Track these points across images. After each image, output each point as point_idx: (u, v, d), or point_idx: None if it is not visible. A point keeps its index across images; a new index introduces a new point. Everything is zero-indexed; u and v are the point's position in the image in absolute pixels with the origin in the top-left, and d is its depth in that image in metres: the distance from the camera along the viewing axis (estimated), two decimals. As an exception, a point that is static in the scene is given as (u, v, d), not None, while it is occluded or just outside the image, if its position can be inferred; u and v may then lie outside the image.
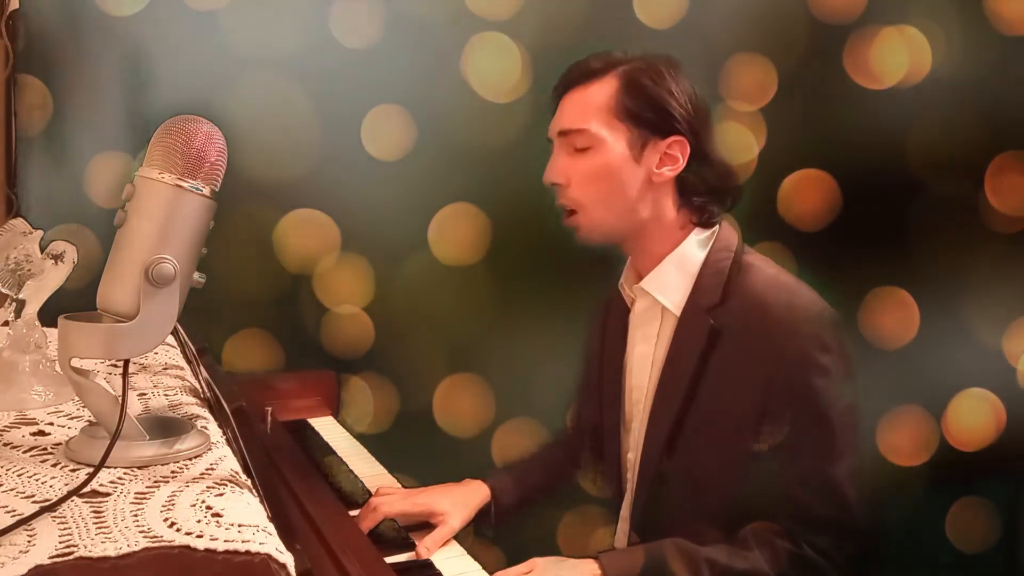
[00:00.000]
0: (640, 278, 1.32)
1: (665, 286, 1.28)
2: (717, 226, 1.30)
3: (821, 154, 2.03)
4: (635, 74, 1.27)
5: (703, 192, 1.29)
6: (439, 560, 1.22)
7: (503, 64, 1.92)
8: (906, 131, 2.05)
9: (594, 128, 1.25)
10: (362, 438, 1.68)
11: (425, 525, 1.31)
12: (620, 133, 1.25)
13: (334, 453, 1.58)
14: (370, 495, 1.37)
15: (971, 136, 2.06)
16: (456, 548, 1.27)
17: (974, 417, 2.07)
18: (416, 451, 1.87)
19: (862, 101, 2.05)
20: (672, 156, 1.26)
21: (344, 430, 1.74)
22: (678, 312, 1.27)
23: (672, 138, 1.26)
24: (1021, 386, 2.07)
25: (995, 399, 2.07)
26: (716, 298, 1.24)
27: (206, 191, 0.82)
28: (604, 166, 1.25)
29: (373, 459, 1.57)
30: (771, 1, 2.01)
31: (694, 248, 1.28)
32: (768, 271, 1.26)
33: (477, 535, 1.36)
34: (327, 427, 1.74)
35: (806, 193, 2.04)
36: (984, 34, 2.05)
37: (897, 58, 2.05)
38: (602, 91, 1.27)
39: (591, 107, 1.26)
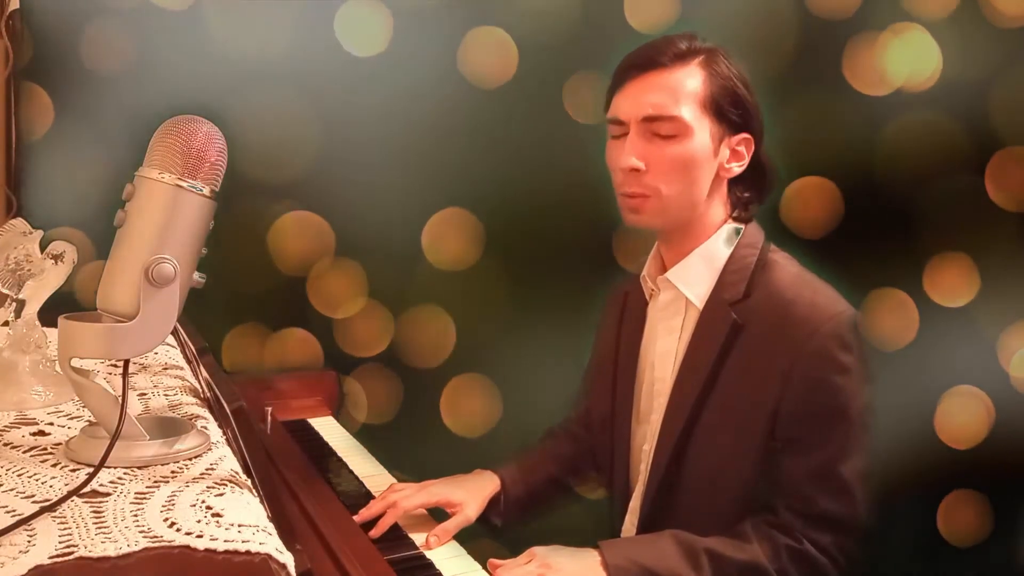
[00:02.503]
0: (664, 270, 1.32)
1: (690, 279, 1.28)
2: (747, 223, 1.31)
3: (822, 160, 2.03)
4: (720, 66, 1.25)
5: (752, 188, 1.30)
6: (439, 560, 1.22)
7: (499, 61, 1.92)
8: (905, 134, 2.06)
9: (686, 117, 1.22)
10: (366, 437, 1.68)
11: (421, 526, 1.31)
12: (705, 124, 1.23)
13: (334, 453, 1.58)
14: (370, 495, 1.37)
15: (971, 136, 2.07)
16: (456, 548, 1.27)
17: (967, 415, 2.08)
18: (420, 451, 1.88)
19: (859, 106, 2.05)
20: (739, 153, 1.27)
21: (344, 430, 1.74)
22: (701, 305, 1.27)
23: (742, 135, 1.26)
24: (1014, 386, 2.07)
25: (987, 398, 2.08)
26: (739, 293, 1.24)
27: (206, 191, 0.82)
28: (689, 156, 1.23)
29: (373, 459, 1.57)
30: (765, 6, 2.01)
31: (721, 243, 1.28)
32: (791, 269, 1.26)
33: (485, 525, 1.36)
34: (327, 427, 1.74)
35: (808, 200, 2.04)
36: (982, 30, 2.05)
37: (896, 61, 2.05)
38: (691, 78, 1.23)
39: (681, 94, 1.23)
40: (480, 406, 2.00)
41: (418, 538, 1.27)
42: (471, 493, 1.34)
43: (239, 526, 0.68)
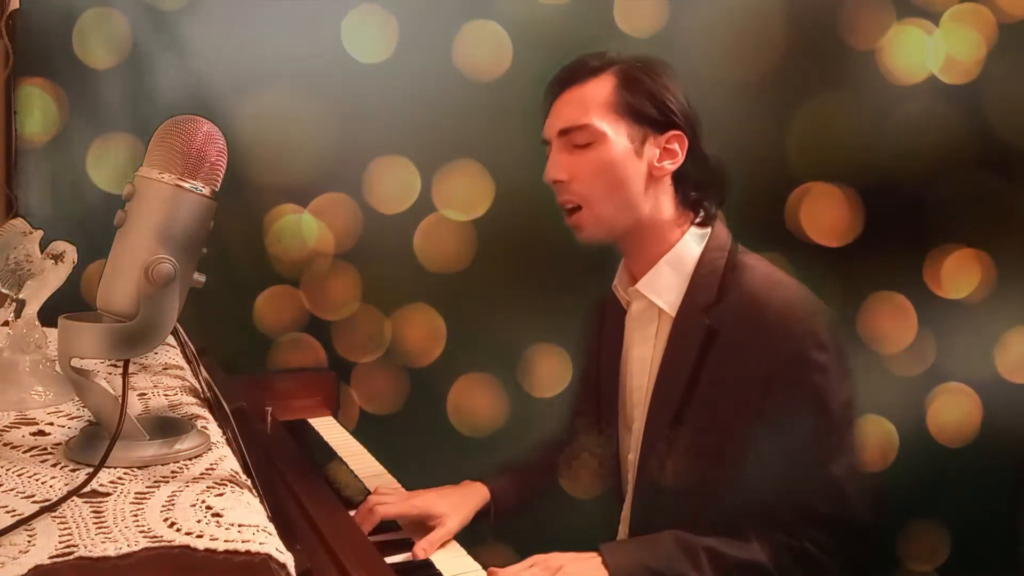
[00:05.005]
0: (635, 280, 1.32)
1: (661, 287, 1.29)
2: (710, 226, 1.31)
3: (822, 163, 2.03)
4: (632, 71, 1.28)
5: (700, 186, 1.30)
6: (439, 560, 1.22)
7: (494, 56, 1.93)
8: (906, 132, 2.05)
9: (595, 123, 1.25)
10: (366, 438, 1.68)
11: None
12: (621, 127, 1.26)
13: (334, 453, 1.58)
14: (369, 494, 1.37)
15: (976, 133, 2.06)
16: (456, 548, 1.27)
17: (958, 414, 2.08)
18: (421, 451, 1.87)
19: (857, 106, 2.05)
20: (671, 150, 1.27)
21: (344, 430, 1.74)
22: (674, 312, 1.27)
23: (671, 132, 1.27)
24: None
25: (977, 398, 2.07)
26: (711, 297, 1.24)
27: (206, 191, 0.81)
28: (607, 160, 1.25)
29: (373, 459, 1.57)
30: (755, 8, 2.01)
31: (689, 248, 1.29)
32: (762, 269, 1.27)
33: (476, 537, 1.35)
34: (327, 427, 1.74)
35: (812, 204, 2.04)
36: (984, 26, 2.04)
37: (896, 59, 2.05)
38: (600, 88, 1.27)
39: (590, 103, 1.27)
40: (483, 406, 2.00)
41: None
42: (455, 507, 1.32)
43: (239, 526, 0.68)
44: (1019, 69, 2.06)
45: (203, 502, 0.72)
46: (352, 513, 1.31)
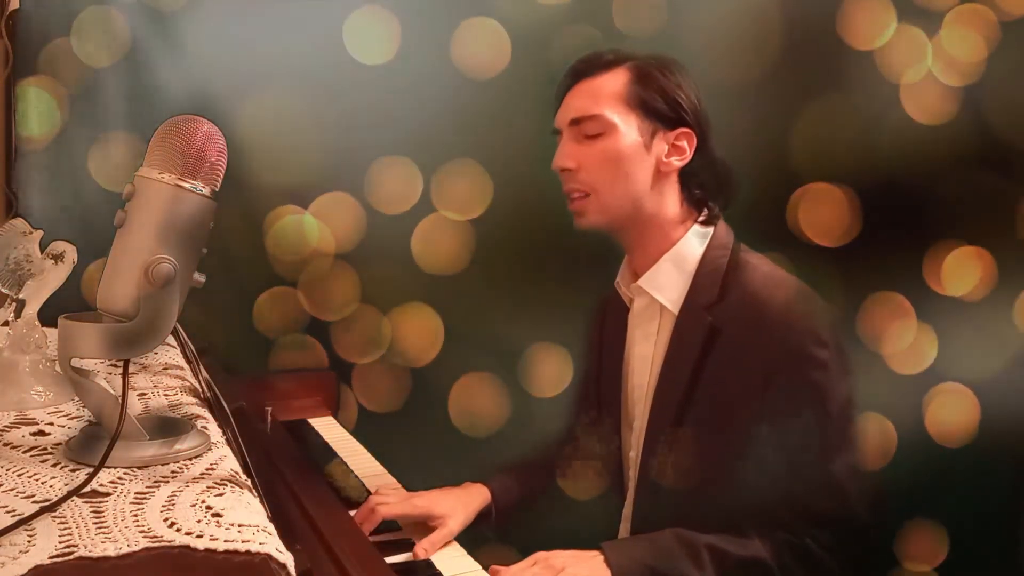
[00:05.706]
0: (637, 277, 1.32)
1: (663, 285, 1.29)
2: (713, 226, 1.31)
3: (822, 164, 2.03)
4: (646, 67, 1.30)
5: (705, 186, 1.31)
6: (440, 560, 1.22)
7: (494, 54, 1.92)
8: (905, 132, 2.05)
9: (606, 114, 1.27)
10: (366, 438, 1.68)
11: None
12: (631, 120, 1.27)
13: (334, 453, 1.59)
14: (370, 495, 1.37)
15: (978, 133, 2.06)
16: (457, 548, 1.27)
17: (957, 413, 2.07)
18: (421, 451, 1.88)
19: (856, 106, 2.05)
20: (679, 147, 1.28)
21: (344, 430, 1.74)
22: (676, 310, 1.28)
23: (680, 129, 1.28)
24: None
25: (976, 397, 2.07)
26: (714, 296, 1.25)
27: (206, 191, 0.82)
28: (615, 151, 1.26)
29: (373, 459, 1.57)
30: (753, 10, 2.01)
31: (691, 246, 1.29)
32: (764, 268, 1.27)
33: (477, 537, 1.35)
34: (327, 427, 1.75)
35: (813, 205, 2.04)
36: (984, 23, 2.04)
37: (893, 57, 2.05)
38: (614, 80, 1.29)
39: (603, 95, 1.28)
40: (483, 406, 1.99)
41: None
42: (456, 507, 1.33)
43: (239, 526, 0.68)
44: (1020, 69, 2.06)
45: (203, 502, 0.72)
46: (353, 513, 1.31)
